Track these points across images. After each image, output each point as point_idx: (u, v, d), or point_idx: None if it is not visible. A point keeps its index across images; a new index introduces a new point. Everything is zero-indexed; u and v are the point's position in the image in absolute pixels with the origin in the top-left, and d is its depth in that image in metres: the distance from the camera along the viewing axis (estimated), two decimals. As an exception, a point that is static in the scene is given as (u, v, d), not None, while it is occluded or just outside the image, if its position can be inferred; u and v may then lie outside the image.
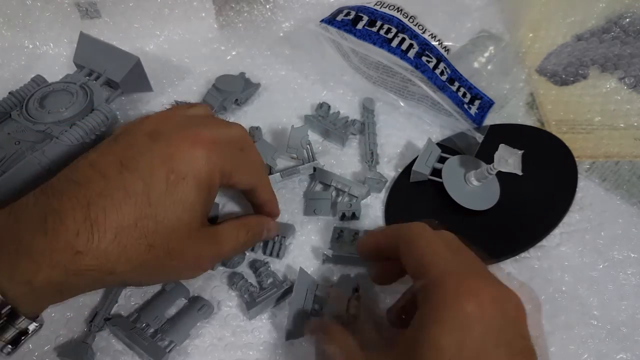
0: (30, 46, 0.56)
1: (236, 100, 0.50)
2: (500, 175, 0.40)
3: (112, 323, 0.35)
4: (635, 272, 0.40)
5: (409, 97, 0.50)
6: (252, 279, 0.39)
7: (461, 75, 0.49)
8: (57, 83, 0.45)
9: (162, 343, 0.34)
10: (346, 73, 0.53)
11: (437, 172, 0.43)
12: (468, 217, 0.41)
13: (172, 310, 0.37)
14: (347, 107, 0.51)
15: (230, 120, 0.51)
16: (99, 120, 0.43)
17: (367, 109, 0.50)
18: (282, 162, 0.46)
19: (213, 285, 0.39)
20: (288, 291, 0.37)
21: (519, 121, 0.51)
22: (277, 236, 0.40)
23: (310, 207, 0.43)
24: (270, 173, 0.44)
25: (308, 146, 0.44)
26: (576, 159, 0.46)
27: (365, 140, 0.48)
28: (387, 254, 0.32)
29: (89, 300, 0.38)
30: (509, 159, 0.38)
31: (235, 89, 0.50)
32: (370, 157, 0.46)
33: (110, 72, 0.47)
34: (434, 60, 0.48)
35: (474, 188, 0.42)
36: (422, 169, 0.43)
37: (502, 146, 0.39)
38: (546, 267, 0.40)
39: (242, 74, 0.53)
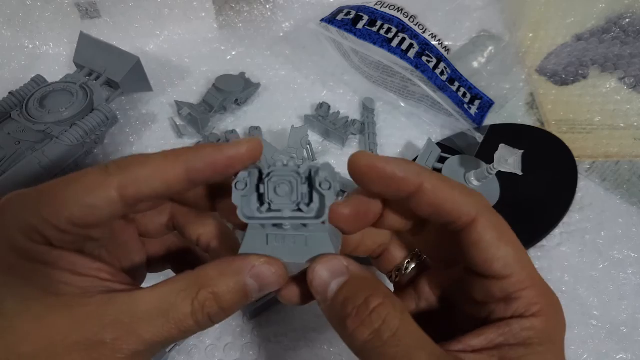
0: (30, 46, 0.56)
1: (236, 100, 0.50)
2: (500, 175, 0.40)
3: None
4: (635, 271, 0.40)
5: (409, 96, 0.50)
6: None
7: (461, 75, 0.49)
8: (57, 83, 0.45)
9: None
10: (346, 72, 0.53)
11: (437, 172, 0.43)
12: (468, 217, 0.41)
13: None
14: (347, 107, 0.51)
15: (230, 120, 0.51)
16: (99, 120, 0.43)
17: (368, 108, 0.50)
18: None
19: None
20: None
21: (519, 121, 0.51)
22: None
23: (310, 207, 0.43)
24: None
25: (308, 146, 0.44)
26: (576, 159, 0.46)
27: (365, 140, 0.48)
28: (430, 210, 0.21)
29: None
30: (509, 159, 0.38)
31: (235, 89, 0.50)
32: (370, 157, 0.46)
33: (110, 72, 0.47)
34: (434, 60, 0.48)
35: (474, 188, 0.42)
36: (422, 169, 0.43)
37: (502, 146, 0.39)
38: (546, 267, 0.40)
39: (242, 74, 0.53)
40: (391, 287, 0.26)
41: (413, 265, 0.25)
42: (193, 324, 0.19)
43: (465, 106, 0.48)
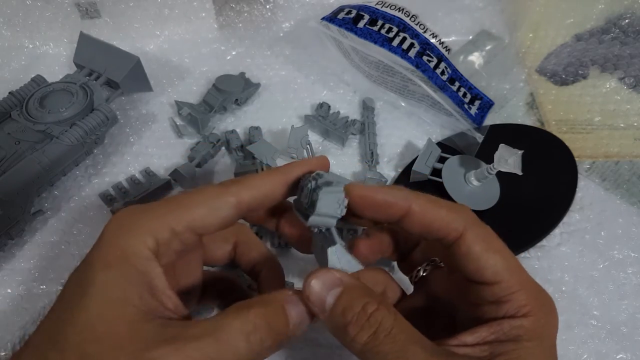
0: (30, 46, 0.56)
1: (236, 100, 0.50)
2: (500, 175, 0.40)
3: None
4: (635, 271, 0.40)
5: (409, 96, 0.50)
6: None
7: (462, 75, 0.49)
8: (57, 83, 0.45)
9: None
10: (347, 71, 0.53)
11: (437, 172, 0.43)
12: (468, 217, 0.41)
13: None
14: (347, 107, 0.51)
15: (230, 120, 0.51)
16: (99, 120, 0.43)
17: (368, 107, 0.50)
18: (282, 162, 0.46)
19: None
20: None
21: (519, 121, 0.51)
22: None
23: (311, 207, 0.43)
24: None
25: (308, 146, 0.44)
26: (576, 159, 0.46)
27: (365, 140, 0.48)
28: (420, 232, 0.24)
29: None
30: (509, 159, 0.38)
31: (235, 89, 0.50)
32: (370, 157, 0.46)
33: (110, 72, 0.47)
34: (435, 60, 0.48)
35: (474, 188, 0.42)
36: (422, 169, 0.43)
37: (502, 146, 0.39)
38: (546, 267, 0.40)
39: (242, 74, 0.53)
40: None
41: (430, 270, 0.27)
42: (246, 346, 0.20)
43: (466, 106, 0.48)
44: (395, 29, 0.48)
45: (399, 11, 0.50)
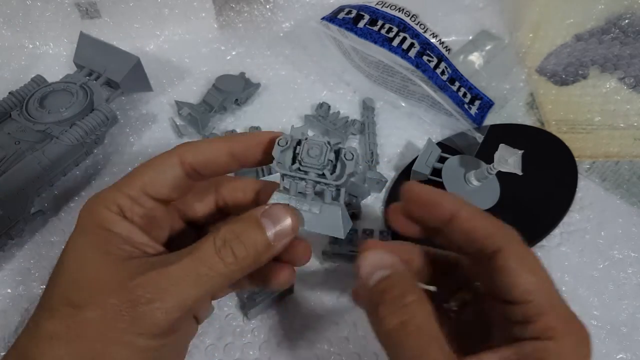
0: (30, 46, 0.56)
1: (236, 100, 0.50)
2: (500, 175, 0.40)
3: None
4: (635, 271, 0.40)
5: (409, 96, 0.50)
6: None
7: (462, 75, 0.49)
8: (57, 83, 0.45)
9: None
10: (347, 71, 0.53)
11: (437, 172, 0.43)
12: (468, 217, 0.41)
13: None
14: (347, 106, 0.51)
15: (230, 120, 0.51)
16: (99, 120, 0.43)
17: (368, 107, 0.50)
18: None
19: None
20: (287, 292, 0.37)
21: (519, 121, 0.51)
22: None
23: (311, 207, 0.43)
24: (270, 173, 0.44)
25: (308, 146, 0.44)
26: (576, 159, 0.46)
27: (365, 140, 0.48)
28: (460, 242, 0.24)
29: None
30: (509, 159, 0.38)
31: (235, 89, 0.50)
32: (370, 157, 0.46)
33: (110, 72, 0.47)
34: (435, 60, 0.48)
35: (474, 188, 0.42)
36: (422, 169, 0.43)
37: (502, 146, 0.39)
38: (546, 267, 0.40)
39: (242, 74, 0.53)
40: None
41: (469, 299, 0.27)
42: (219, 260, 0.22)
43: (466, 106, 0.48)
44: (395, 29, 0.48)
45: (399, 11, 0.50)
